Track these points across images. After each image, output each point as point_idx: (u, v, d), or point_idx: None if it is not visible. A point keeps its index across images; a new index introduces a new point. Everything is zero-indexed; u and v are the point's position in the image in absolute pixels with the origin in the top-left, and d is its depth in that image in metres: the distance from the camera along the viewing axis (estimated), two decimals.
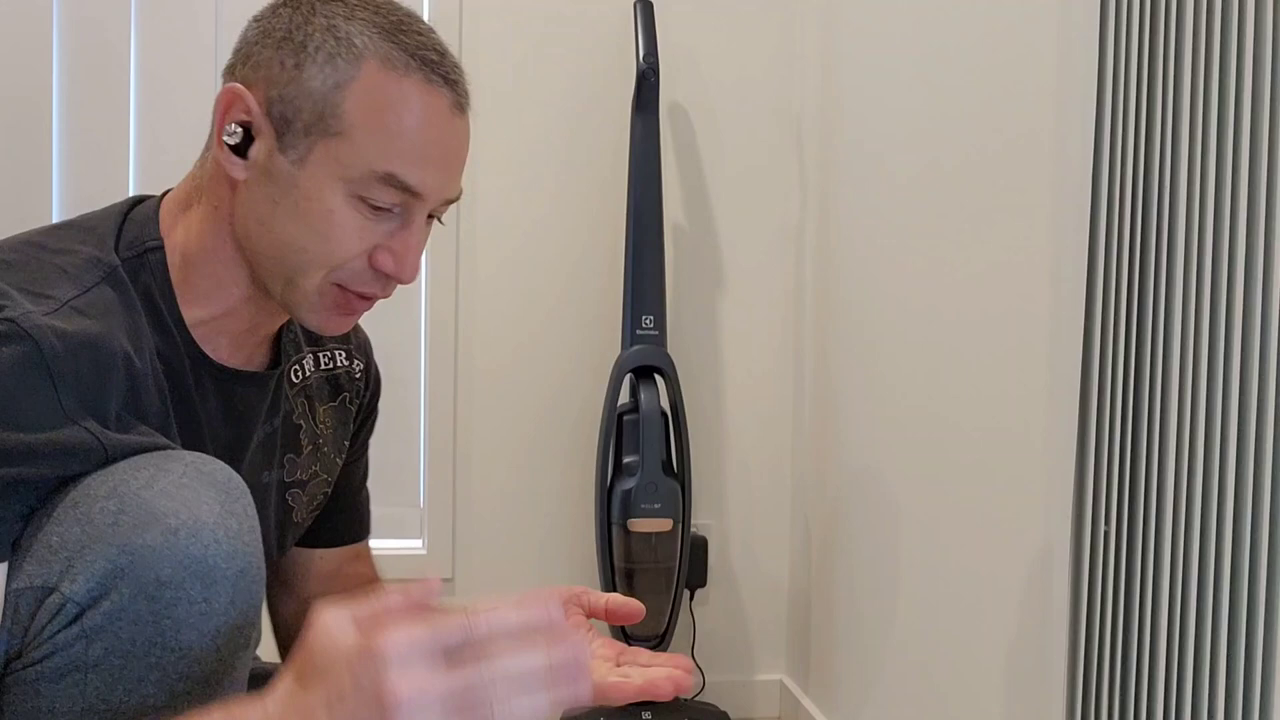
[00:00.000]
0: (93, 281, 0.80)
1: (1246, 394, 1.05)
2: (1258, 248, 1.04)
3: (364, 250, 0.83)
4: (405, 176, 0.82)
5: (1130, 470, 1.08)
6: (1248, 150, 1.05)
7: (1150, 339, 1.07)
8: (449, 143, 0.84)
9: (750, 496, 2.15)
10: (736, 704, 2.10)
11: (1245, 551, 1.05)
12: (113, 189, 1.95)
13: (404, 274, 0.85)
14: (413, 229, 0.84)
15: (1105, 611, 1.08)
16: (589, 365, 2.06)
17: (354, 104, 0.81)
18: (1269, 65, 1.04)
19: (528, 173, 2.06)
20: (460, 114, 0.85)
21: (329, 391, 1.04)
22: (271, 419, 0.96)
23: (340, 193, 0.82)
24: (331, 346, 1.05)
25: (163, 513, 0.70)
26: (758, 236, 2.13)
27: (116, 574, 0.68)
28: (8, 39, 1.91)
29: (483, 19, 2.03)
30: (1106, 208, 1.05)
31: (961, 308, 1.39)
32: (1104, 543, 1.07)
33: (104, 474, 0.73)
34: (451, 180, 0.86)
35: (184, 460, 0.75)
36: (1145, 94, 1.06)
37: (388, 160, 0.81)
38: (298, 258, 0.83)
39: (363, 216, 0.82)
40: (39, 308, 0.74)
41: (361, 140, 0.81)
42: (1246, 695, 1.04)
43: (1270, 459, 1.04)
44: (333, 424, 1.04)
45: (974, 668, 1.34)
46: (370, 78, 0.81)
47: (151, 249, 0.85)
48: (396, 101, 0.81)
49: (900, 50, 1.62)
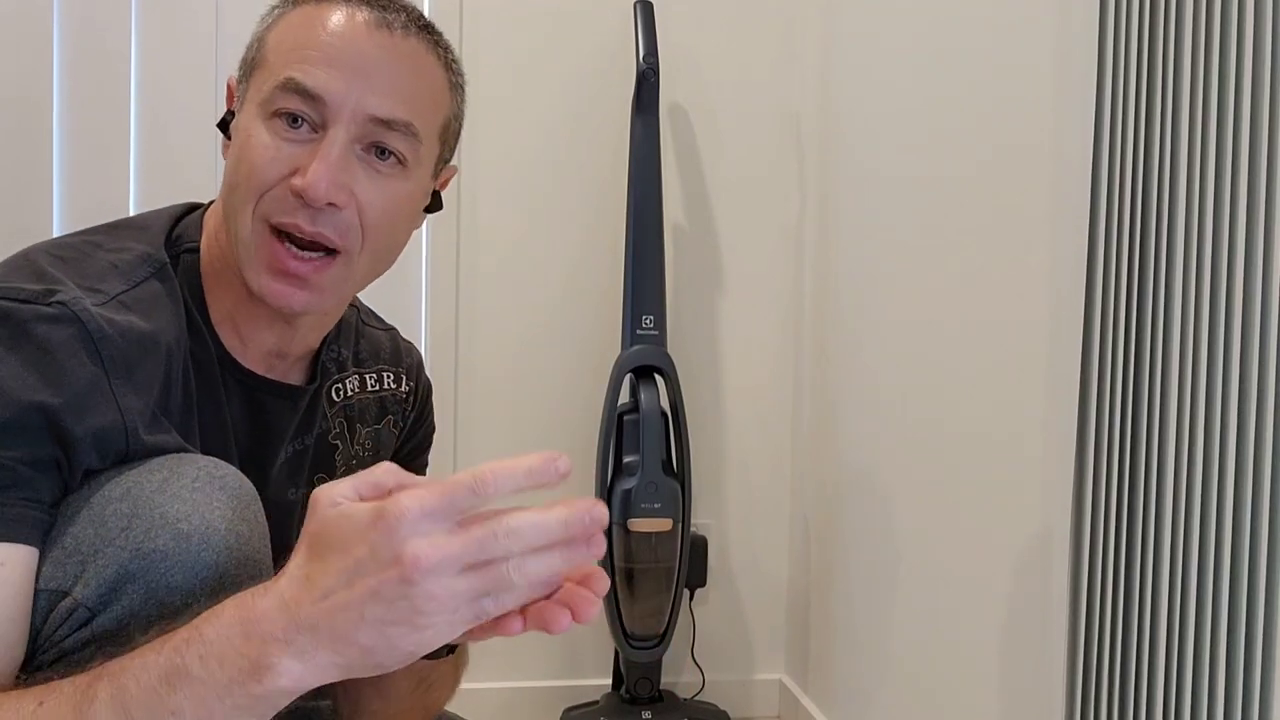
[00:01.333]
0: (141, 277, 0.81)
1: (1246, 389, 1.05)
2: (1257, 246, 1.04)
3: (283, 174, 0.81)
4: (301, 78, 0.80)
5: (1130, 468, 1.09)
6: (1247, 150, 1.05)
7: (1150, 336, 1.07)
8: (360, 49, 0.82)
9: (750, 496, 2.15)
10: (736, 703, 2.10)
11: (1245, 546, 1.05)
12: (113, 190, 1.95)
13: (307, 187, 0.79)
14: (325, 143, 0.81)
15: (1105, 610, 1.08)
16: (589, 365, 2.06)
17: (272, 36, 0.84)
18: (1269, 65, 1.05)
19: (528, 173, 2.06)
20: (385, 30, 0.83)
21: (374, 414, 1.03)
22: (304, 436, 0.95)
23: (259, 117, 0.82)
24: (380, 368, 1.03)
25: (175, 517, 0.70)
26: (758, 237, 2.13)
27: (127, 578, 0.68)
28: (8, 40, 1.91)
29: (483, 19, 2.03)
30: (1106, 206, 1.06)
31: (961, 307, 1.39)
32: (1103, 540, 1.08)
33: (119, 476, 0.73)
34: (370, 91, 0.81)
35: (197, 464, 0.75)
36: (1145, 94, 1.06)
37: (287, 67, 0.81)
38: (233, 199, 0.83)
39: (279, 136, 0.81)
40: (90, 298, 0.76)
41: (272, 61, 0.83)
42: (1246, 689, 1.04)
43: (1270, 453, 1.04)
44: (372, 446, 1.03)
45: (973, 666, 1.34)
46: (294, 13, 0.84)
47: (188, 250, 0.86)
48: (303, 21, 0.83)
49: (900, 50, 1.62)
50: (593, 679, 2.07)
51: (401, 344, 1.09)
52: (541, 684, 2.07)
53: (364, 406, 1.02)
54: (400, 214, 0.87)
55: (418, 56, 0.85)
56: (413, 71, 0.85)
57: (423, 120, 0.85)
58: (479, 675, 2.04)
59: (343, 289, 0.88)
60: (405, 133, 0.83)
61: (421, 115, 0.85)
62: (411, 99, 0.84)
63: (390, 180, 0.84)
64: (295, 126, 0.81)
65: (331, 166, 0.80)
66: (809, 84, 2.08)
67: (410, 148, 0.84)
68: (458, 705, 1.19)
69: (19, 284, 0.75)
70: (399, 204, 0.86)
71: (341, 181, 0.81)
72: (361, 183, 0.82)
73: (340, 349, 0.99)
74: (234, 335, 0.88)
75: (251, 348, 0.89)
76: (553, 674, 2.09)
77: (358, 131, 0.82)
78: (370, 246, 0.85)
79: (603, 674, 2.06)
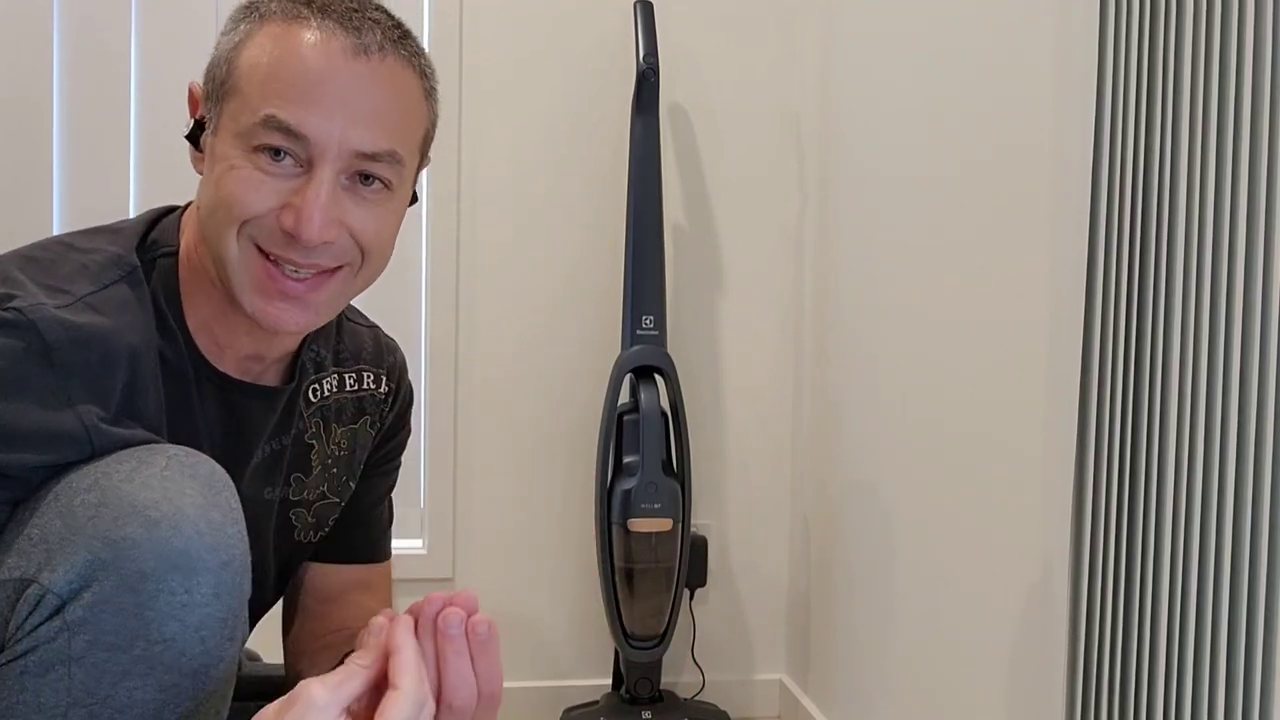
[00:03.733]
0: (110, 280, 0.81)
1: (1246, 390, 1.05)
2: (1257, 246, 1.04)
3: (270, 208, 0.80)
4: (284, 116, 0.79)
5: (1130, 468, 1.09)
6: (1247, 151, 1.05)
7: (1150, 341, 1.07)
8: (340, 81, 0.80)
9: (750, 496, 2.15)
10: (736, 703, 2.10)
11: (1245, 548, 1.05)
12: (113, 190, 1.95)
13: (300, 229, 0.79)
14: (313, 183, 0.80)
15: (1105, 610, 1.08)
16: (589, 365, 2.06)
17: (244, 59, 0.81)
18: (1269, 66, 1.05)
19: (528, 173, 2.06)
20: (362, 57, 0.81)
21: (351, 413, 1.03)
22: (280, 436, 0.95)
23: (239, 148, 0.80)
24: (360, 368, 1.03)
25: (144, 505, 0.70)
26: (758, 237, 2.13)
27: (98, 566, 0.68)
28: (8, 39, 1.91)
29: (483, 19, 2.03)
30: (1106, 207, 1.06)
31: (961, 308, 1.39)
32: (1103, 541, 1.08)
33: (87, 467, 0.73)
34: (353, 126, 0.80)
35: (167, 453, 0.75)
36: (1145, 95, 1.06)
37: (266, 101, 0.79)
38: (214, 221, 0.82)
39: (262, 171, 0.80)
40: (53, 300, 0.76)
41: (247, 90, 0.81)
42: (1246, 693, 1.04)
43: (1270, 456, 1.04)
44: (347, 446, 1.03)
45: (974, 666, 1.34)
46: (262, 33, 0.82)
47: (165, 254, 0.86)
48: (278, 46, 0.81)
49: (900, 50, 1.62)
50: (593, 679, 2.07)
51: (384, 342, 1.08)
52: (541, 684, 2.07)
53: (341, 406, 1.02)
54: (390, 229, 0.88)
55: (395, 77, 0.83)
56: (392, 96, 0.83)
57: (405, 144, 0.85)
58: None
59: (339, 304, 0.88)
60: (390, 160, 0.83)
61: (404, 139, 0.85)
62: (393, 126, 0.83)
63: (378, 205, 0.84)
64: (278, 160, 0.80)
65: (324, 207, 0.80)
66: (809, 84, 2.07)
67: (395, 173, 0.85)
68: None
69: None
70: (389, 223, 0.87)
71: (333, 218, 0.81)
72: (352, 212, 0.83)
73: (320, 349, 0.99)
74: (210, 341, 0.87)
75: (229, 353, 0.89)
76: (553, 674, 2.09)
77: (343, 166, 0.81)
78: (368, 262, 0.86)
79: (603, 674, 2.06)
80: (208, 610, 0.70)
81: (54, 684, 0.68)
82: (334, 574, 1.07)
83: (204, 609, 0.70)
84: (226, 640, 0.72)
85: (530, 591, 2.09)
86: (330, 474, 1.01)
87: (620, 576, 1.89)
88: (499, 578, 2.07)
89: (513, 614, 2.08)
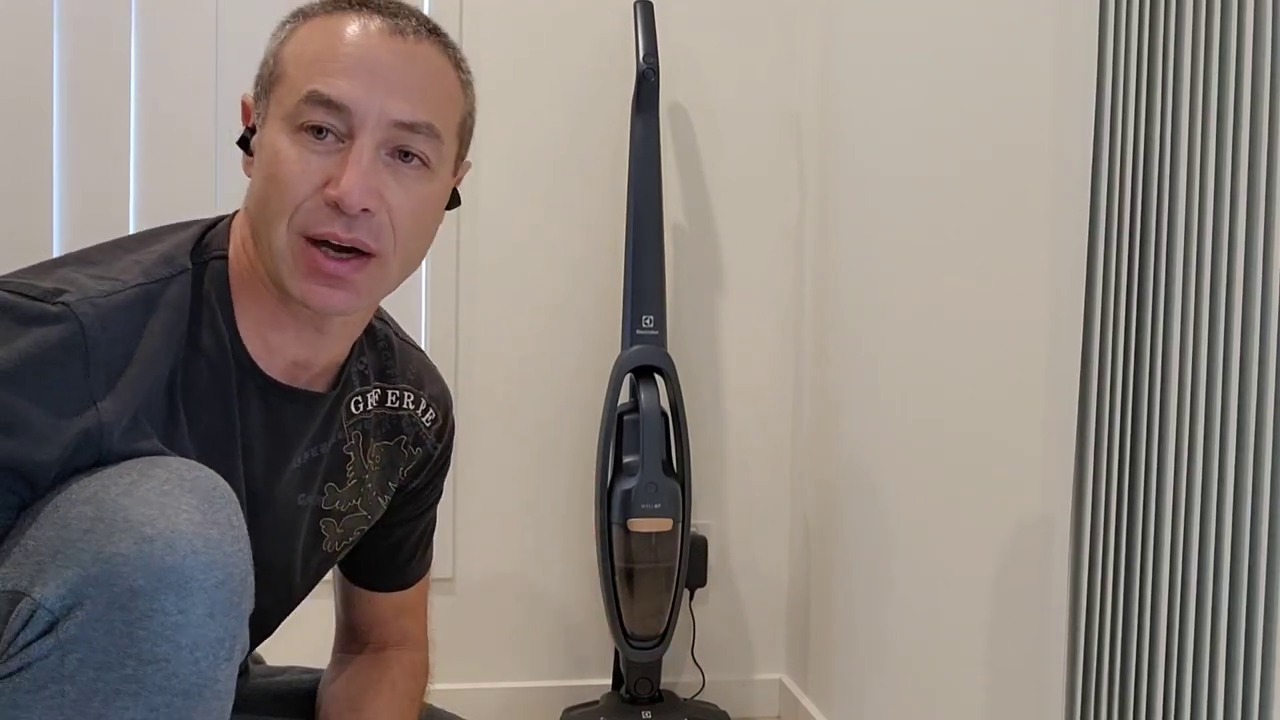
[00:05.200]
0: (160, 276, 0.83)
1: (1246, 388, 1.05)
2: (1257, 245, 1.04)
3: (315, 186, 0.83)
4: (325, 90, 0.82)
5: (1130, 467, 1.09)
6: (1247, 150, 1.05)
7: (1150, 335, 1.07)
8: (378, 56, 0.84)
9: (750, 496, 2.15)
10: (736, 703, 2.10)
11: (1245, 544, 1.05)
12: (113, 190, 1.95)
13: (341, 195, 0.81)
14: (354, 150, 0.82)
15: (1105, 610, 1.08)
16: (589, 365, 2.06)
17: (288, 50, 0.86)
18: (1269, 66, 1.05)
19: (528, 173, 2.06)
20: (399, 36, 0.85)
21: (387, 430, 1.04)
22: (319, 444, 0.96)
23: (284, 131, 0.83)
24: (403, 387, 1.04)
25: (138, 520, 0.69)
26: (758, 237, 2.13)
27: (89, 582, 0.67)
28: (8, 39, 1.91)
29: (483, 19, 2.03)
30: (1106, 206, 1.06)
31: (961, 307, 1.39)
32: (1103, 540, 1.08)
33: (88, 478, 0.73)
34: (392, 97, 0.83)
35: (169, 467, 0.74)
36: (1145, 94, 1.06)
37: (309, 80, 0.83)
38: (265, 214, 0.84)
39: (306, 149, 0.83)
40: (100, 287, 0.78)
41: (293, 74, 0.84)
42: (1246, 687, 1.04)
43: (1270, 452, 1.05)
44: (381, 462, 1.03)
45: (974, 666, 1.34)
46: (305, 27, 0.86)
47: (216, 257, 0.88)
48: (320, 33, 0.85)
49: (900, 50, 1.62)
50: (593, 679, 2.07)
51: (430, 371, 1.10)
52: (541, 684, 2.07)
53: (380, 421, 1.03)
54: (428, 214, 0.90)
55: (431, 59, 0.87)
56: (428, 74, 0.87)
57: (442, 120, 0.87)
58: (479, 675, 2.05)
59: (378, 290, 0.90)
60: (428, 134, 0.86)
61: (441, 115, 0.87)
62: (430, 100, 0.86)
63: (416, 182, 0.86)
64: (321, 138, 0.83)
65: (364, 173, 0.82)
66: (809, 84, 2.08)
67: (433, 148, 0.87)
68: (458, 705, 1.19)
69: (32, 280, 0.78)
70: (426, 204, 0.88)
71: (373, 186, 0.83)
72: (391, 187, 0.85)
73: (367, 363, 1.00)
74: (261, 344, 0.89)
75: (277, 356, 0.90)
76: (553, 674, 2.09)
77: (383, 137, 0.84)
78: (402, 248, 0.87)
79: (603, 674, 2.06)
80: (201, 630, 0.69)
81: (48, 702, 0.68)
82: (373, 600, 1.13)
83: (197, 629, 0.69)
84: (222, 660, 0.71)
85: (530, 591, 2.09)
86: (364, 488, 1.02)
87: (620, 576, 1.89)
88: (499, 578, 2.07)
89: (513, 614, 2.08)
